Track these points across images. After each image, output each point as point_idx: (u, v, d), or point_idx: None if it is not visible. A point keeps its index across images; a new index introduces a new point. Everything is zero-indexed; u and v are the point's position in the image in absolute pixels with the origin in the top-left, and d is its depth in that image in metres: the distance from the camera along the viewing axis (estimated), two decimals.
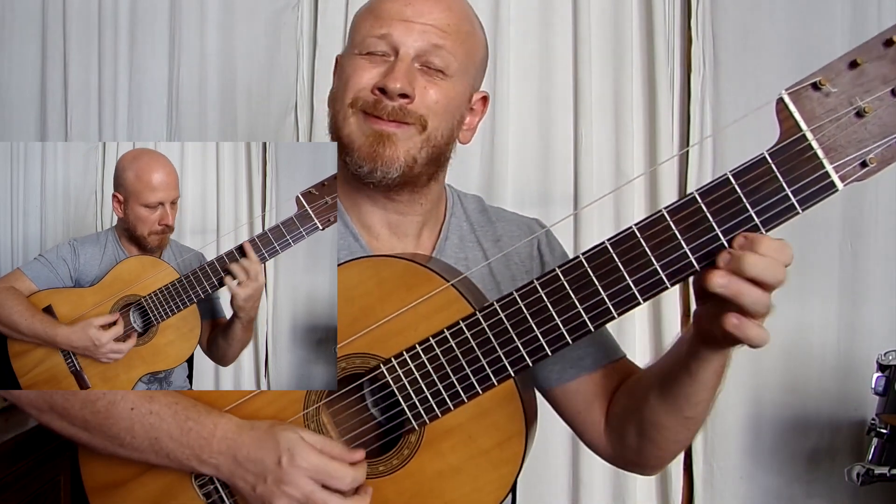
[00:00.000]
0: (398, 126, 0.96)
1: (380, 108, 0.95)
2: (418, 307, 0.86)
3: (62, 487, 1.61)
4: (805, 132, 0.71)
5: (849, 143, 0.71)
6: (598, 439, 1.05)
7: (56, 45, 2.16)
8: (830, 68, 0.71)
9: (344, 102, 0.98)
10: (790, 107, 0.72)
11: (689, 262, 0.75)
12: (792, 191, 0.72)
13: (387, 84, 0.94)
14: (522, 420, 0.86)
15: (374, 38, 0.97)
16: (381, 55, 0.97)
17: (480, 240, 1.09)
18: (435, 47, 0.96)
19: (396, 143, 0.96)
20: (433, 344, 0.85)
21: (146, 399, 0.92)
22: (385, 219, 1.04)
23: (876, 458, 1.52)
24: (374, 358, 0.88)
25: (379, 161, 0.96)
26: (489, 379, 0.84)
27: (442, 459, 0.88)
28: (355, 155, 0.97)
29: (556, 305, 0.80)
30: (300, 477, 0.85)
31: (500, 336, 0.83)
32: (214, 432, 0.89)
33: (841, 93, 0.71)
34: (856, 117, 0.71)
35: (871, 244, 1.91)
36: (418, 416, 0.87)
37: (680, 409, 0.90)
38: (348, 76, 0.98)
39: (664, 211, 0.75)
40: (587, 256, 0.78)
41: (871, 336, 1.90)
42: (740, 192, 0.73)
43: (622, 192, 1.98)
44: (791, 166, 0.72)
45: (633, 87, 1.99)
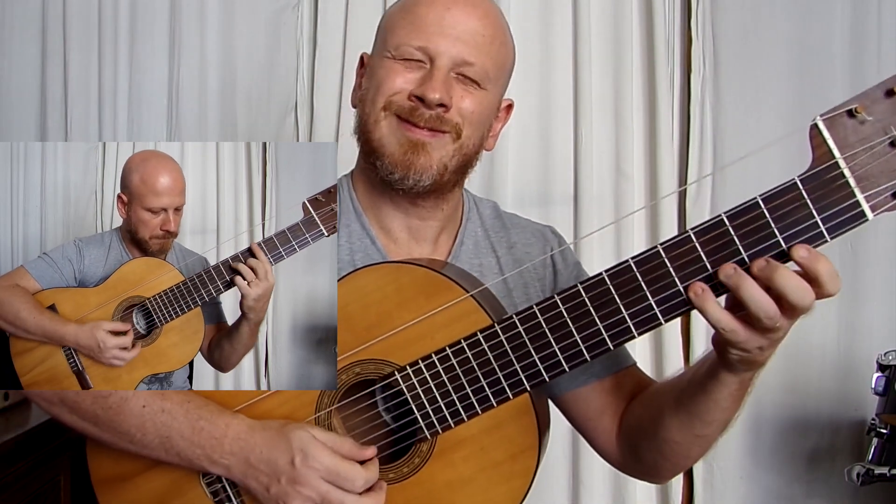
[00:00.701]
0: (433, 135, 0.95)
1: (416, 116, 0.94)
2: (436, 316, 0.85)
3: (62, 487, 1.60)
4: (838, 160, 0.70)
5: (881, 173, 0.70)
6: (609, 447, 1.05)
7: (56, 45, 2.16)
8: (866, 96, 0.70)
9: (376, 105, 0.97)
10: (824, 133, 0.71)
11: (714, 284, 0.74)
12: (821, 218, 0.71)
13: (426, 93, 0.93)
14: (536, 434, 0.86)
15: (411, 48, 0.95)
16: (416, 60, 0.96)
17: (494, 246, 1.08)
18: (471, 57, 0.96)
19: (430, 152, 0.96)
20: (449, 354, 0.85)
21: (158, 397, 0.92)
22: (406, 223, 1.03)
23: (876, 458, 1.52)
24: (389, 365, 0.88)
25: (412, 169, 0.95)
26: (504, 392, 0.83)
27: (453, 470, 0.88)
28: (387, 161, 0.96)
29: (576, 322, 0.79)
30: (314, 478, 0.85)
31: (518, 350, 0.82)
32: (226, 433, 0.89)
33: (876, 121, 0.70)
34: (890, 147, 0.70)
35: (871, 244, 1.91)
36: (431, 425, 0.87)
37: (692, 426, 0.90)
38: (381, 79, 0.97)
39: (691, 232, 0.75)
40: (610, 274, 0.78)
41: (871, 336, 1.90)
42: (769, 216, 0.72)
43: (622, 193, 1.99)
44: (822, 193, 0.71)
45: (633, 87, 1.99)
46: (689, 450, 0.94)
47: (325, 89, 2.06)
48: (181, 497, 0.95)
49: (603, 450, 1.06)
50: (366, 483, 0.87)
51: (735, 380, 0.83)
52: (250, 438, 0.88)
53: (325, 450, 0.86)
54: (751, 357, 0.78)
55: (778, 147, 0.76)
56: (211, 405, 0.92)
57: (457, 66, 0.96)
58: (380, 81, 0.97)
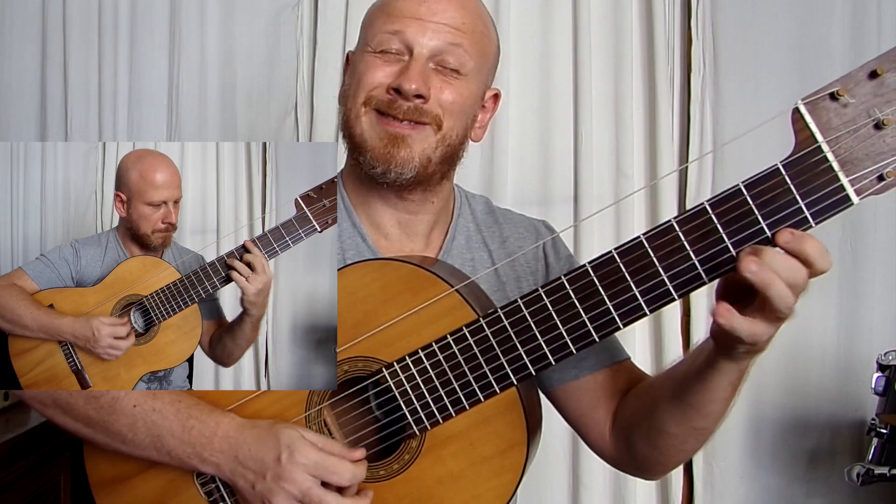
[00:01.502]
0: (413, 127, 0.95)
1: (394, 108, 0.94)
2: (422, 312, 0.86)
3: (62, 487, 1.60)
4: (821, 144, 0.69)
5: (866, 156, 0.69)
6: (603, 442, 1.04)
7: (56, 45, 2.16)
8: (849, 78, 0.69)
9: (357, 101, 0.97)
10: (806, 117, 0.70)
11: (697, 273, 0.74)
12: (805, 203, 0.70)
13: (402, 84, 0.93)
14: (524, 428, 0.86)
15: (388, 35, 0.96)
16: (394, 53, 0.96)
17: (487, 241, 1.08)
18: (450, 46, 0.96)
19: (411, 145, 0.95)
20: (436, 349, 0.85)
21: (149, 397, 0.92)
22: (396, 217, 1.03)
23: (876, 458, 1.51)
24: (377, 361, 0.88)
25: (393, 162, 0.95)
26: (491, 386, 0.83)
27: (442, 466, 0.88)
28: (368, 155, 0.96)
29: (560, 314, 0.79)
30: (299, 473, 0.85)
31: (504, 343, 0.82)
32: (216, 431, 0.89)
33: (859, 103, 0.68)
34: (874, 129, 0.68)
35: (871, 244, 1.91)
36: (419, 421, 0.87)
37: (690, 418, 0.89)
38: (361, 74, 0.97)
39: (673, 221, 0.74)
40: (594, 265, 0.77)
41: (871, 336, 1.90)
42: (752, 203, 0.71)
43: (622, 193, 1.98)
44: (805, 178, 0.70)
45: (633, 87, 1.99)
46: (685, 442, 0.93)
47: (325, 89, 2.06)
48: (177, 497, 0.95)
49: (596, 445, 1.06)
50: (353, 477, 0.86)
51: (735, 367, 0.82)
52: (239, 436, 0.89)
53: (312, 447, 0.86)
54: (757, 347, 0.78)
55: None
56: (202, 404, 0.92)
57: (434, 56, 0.95)
58: (360, 76, 0.97)
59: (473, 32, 0.98)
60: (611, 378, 1.04)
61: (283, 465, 0.85)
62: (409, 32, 0.95)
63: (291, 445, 0.86)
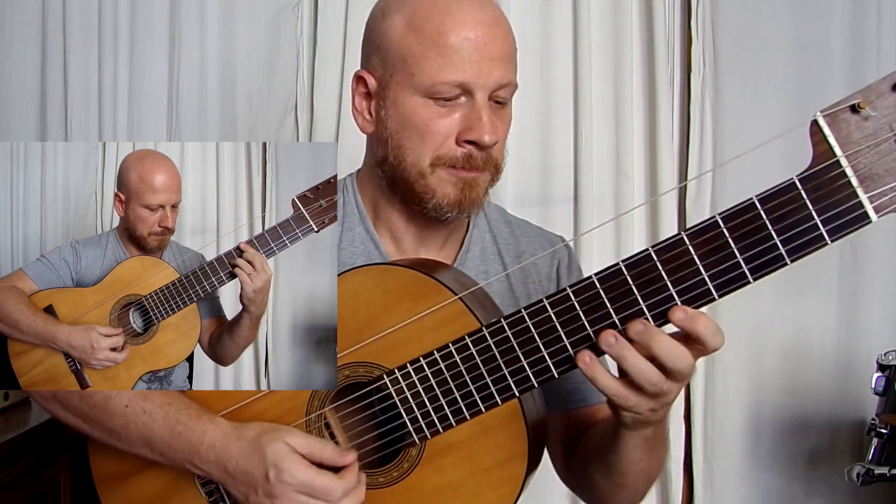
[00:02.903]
0: (482, 170, 0.94)
1: (473, 161, 0.92)
2: (424, 319, 0.84)
3: (62, 487, 1.61)
4: (839, 158, 0.66)
5: (887, 172, 0.66)
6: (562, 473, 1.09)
7: (56, 45, 2.16)
8: (871, 90, 0.66)
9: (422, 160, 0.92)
10: (825, 130, 0.66)
11: (706, 289, 0.72)
12: (822, 220, 0.67)
13: (481, 139, 0.90)
14: (525, 441, 0.84)
15: (448, 86, 0.90)
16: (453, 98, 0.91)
17: (502, 254, 1.06)
18: (504, 79, 0.92)
19: (480, 185, 0.95)
20: (437, 358, 0.84)
21: (140, 398, 0.92)
22: (414, 230, 1.02)
23: (876, 458, 1.51)
24: (379, 368, 0.87)
25: (465, 204, 0.94)
26: (493, 397, 0.82)
27: (442, 475, 0.87)
28: (435, 202, 0.94)
29: (565, 326, 0.77)
30: (289, 492, 0.84)
31: (506, 354, 0.80)
32: (203, 440, 0.88)
33: (881, 117, 0.65)
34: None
35: (871, 244, 1.91)
36: (419, 429, 0.86)
37: (609, 474, 0.92)
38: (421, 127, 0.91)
39: (683, 234, 0.72)
40: (600, 277, 0.75)
41: (871, 336, 1.90)
42: (766, 218, 0.68)
43: (622, 193, 1.98)
44: (822, 194, 0.67)
45: (633, 87, 1.98)
46: (613, 496, 0.95)
47: (325, 89, 2.06)
48: (179, 496, 0.95)
49: (556, 467, 1.09)
50: (344, 493, 0.85)
51: (637, 435, 0.83)
52: (226, 449, 0.87)
53: (300, 464, 0.84)
54: (642, 418, 0.78)
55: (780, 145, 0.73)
56: (191, 408, 0.91)
57: (492, 95, 0.92)
58: (420, 130, 0.92)
59: (513, 57, 0.94)
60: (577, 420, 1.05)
61: (272, 483, 0.84)
62: (470, 76, 0.89)
63: (278, 463, 0.84)
